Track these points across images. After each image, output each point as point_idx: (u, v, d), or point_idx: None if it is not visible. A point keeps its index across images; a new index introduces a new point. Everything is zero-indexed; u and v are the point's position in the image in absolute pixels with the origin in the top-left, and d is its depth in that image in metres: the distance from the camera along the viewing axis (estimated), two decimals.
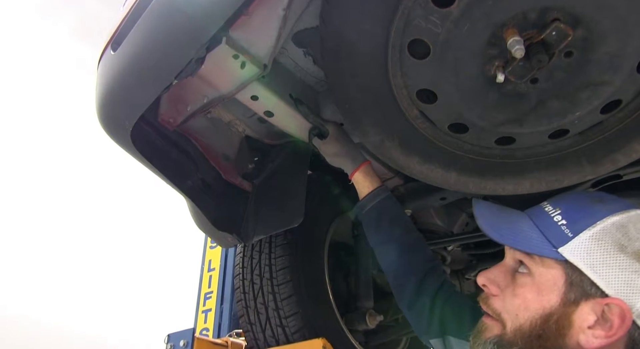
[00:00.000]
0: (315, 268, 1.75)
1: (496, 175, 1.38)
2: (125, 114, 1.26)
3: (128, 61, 1.16)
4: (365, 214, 1.50)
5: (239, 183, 1.76)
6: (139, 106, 1.22)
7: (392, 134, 1.31)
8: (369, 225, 1.51)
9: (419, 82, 1.19)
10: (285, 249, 1.68)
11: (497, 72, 1.09)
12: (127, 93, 1.21)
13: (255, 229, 1.59)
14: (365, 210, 1.50)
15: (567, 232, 0.88)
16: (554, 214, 0.93)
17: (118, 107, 1.26)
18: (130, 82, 1.19)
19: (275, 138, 1.83)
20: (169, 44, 1.10)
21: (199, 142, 1.66)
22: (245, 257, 1.75)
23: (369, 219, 1.50)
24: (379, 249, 1.49)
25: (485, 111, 1.20)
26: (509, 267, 0.97)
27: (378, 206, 1.48)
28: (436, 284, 1.34)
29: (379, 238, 1.48)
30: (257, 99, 1.47)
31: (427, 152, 1.35)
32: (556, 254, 0.87)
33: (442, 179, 1.39)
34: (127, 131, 1.30)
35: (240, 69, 1.32)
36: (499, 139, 1.28)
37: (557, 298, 0.86)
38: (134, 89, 1.19)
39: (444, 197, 1.82)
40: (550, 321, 0.86)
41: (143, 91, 1.19)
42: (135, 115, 1.25)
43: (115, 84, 1.21)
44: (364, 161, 1.54)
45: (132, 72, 1.17)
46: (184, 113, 1.54)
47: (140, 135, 1.49)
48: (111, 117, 1.29)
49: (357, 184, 1.53)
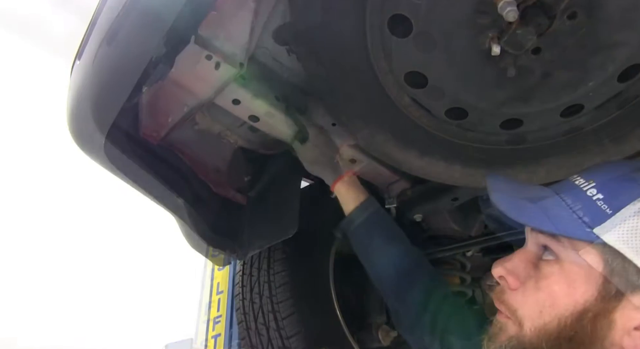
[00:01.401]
0: (319, 283, 1.61)
1: (506, 164, 1.23)
2: (93, 127, 1.17)
3: (88, 69, 1.08)
4: (353, 232, 1.35)
5: (232, 196, 1.65)
6: (106, 118, 1.13)
7: (383, 126, 1.18)
8: (358, 243, 1.36)
9: (405, 64, 1.06)
10: (284, 264, 1.54)
11: (492, 44, 0.96)
12: (91, 104, 1.12)
13: (250, 244, 1.47)
14: (353, 227, 1.35)
15: (605, 209, 0.70)
16: (587, 187, 0.75)
17: (85, 120, 1.17)
18: (93, 91, 1.10)
19: (270, 147, 1.72)
20: (123, 45, 1.00)
21: (186, 155, 1.56)
22: (244, 275, 1.63)
23: (358, 237, 1.35)
24: (373, 269, 1.34)
25: (484, 91, 1.07)
26: (531, 254, 0.79)
27: (367, 222, 1.33)
28: (438, 300, 1.19)
29: (371, 257, 1.33)
30: (239, 103, 1.37)
31: (426, 144, 1.21)
32: (591, 235, 0.69)
33: (446, 173, 1.26)
34: (100, 145, 1.20)
35: (215, 70, 1.23)
36: (505, 122, 1.14)
37: (593, 290, 0.69)
38: (98, 99, 1.10)
39: (455, 198, 1.67)
40: (585, 320, 0.69)
41: (107, 101, 1.09)
42: (103, 127, 1.15)
43: (80, 95, 1.13)
44: (346, 170, 1.40)
45: (93, 80, 1.08)
46: (166, 125, 1.45)
47: (119, 150, 1.40)
48: (80, 131, 1.20)
49: (341, 197, 1.38)
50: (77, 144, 1.24)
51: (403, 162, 1.24)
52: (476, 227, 1.90)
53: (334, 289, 1.64)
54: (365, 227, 1.32)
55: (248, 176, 1.73)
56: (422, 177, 1.30)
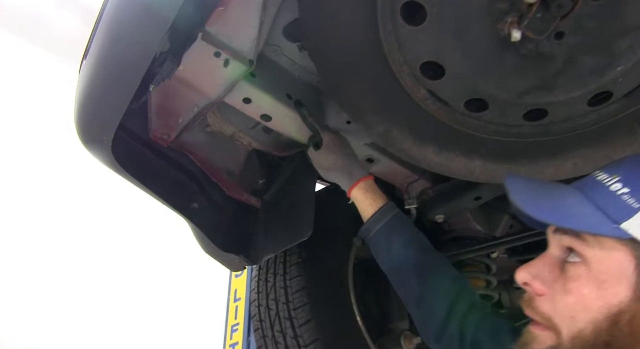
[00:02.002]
0: (337, 288, 1.56)
1: (530, 158, 1.17)
2: (100, 127, 1.15)
3: (93, 67, 1.05)
4: (372, 239, 1.30)
5: (245, 199, 1.61)
6: (112, 117, 1.10)
7: (400, 121, 1.13)
8: (378, 250, 1.31)
9: (420, 54, 1.01)
10: (300, 268, 1.50)
11: (511, 29, 0.90)
12: (97, 103, 1.10)
13: (265, 248, 1.43)
14: (372, 234, 1.29)
15: (632, 203, 0.66)
16: (610, 182, 0.71)
17: (92, 120, 1.14)
18: (98, 90, 1.07)
19: (284, 149, 1.68)
20: (126, 41, 0.98)
21: (197, 158, 1.53)
22: (260, 281, 1.58)
23: (378, 244, 1.30)
24: (394, 276, 1.28)
25: (504, 80, 1.01)
26: (555, 257, 0.74)
27: (386, 228, 1.28)
28: (465, 307, 1.13)
29: (392, 264, 1.28)
30: (250, 102, 1.33)
31: (444, 139, 1.16)
32: (618, 231, 0.65)
33: (466, 169, 1.19)
34: (107, 147, 1.18)
35: (224, 67, 1.20)
36: (528, 113, 1.08)
37: (626, 290, 0.64)
38: (103, 97, 1.08)
39: (478, 197, 1.60)
40: (621, 323, 0.64)
41: (112, 99, 1.07)
42: (110, 127, 1.12)
43: (86, 94, 1.11)
44: (363, 176, 1.34)
45: (98, 78, 1.05)
46: (176, 126, 1.42)
47: (127, 152, 1.38)
48: (87, 131, 1.18)
49: (358, 204, 1.33)
50: (84, 145, 1.22)
51: (421, 158, 1.19)
52: (500, 228, 1.83)
53: (353, 294, 1.58)
54: (384, 233, 1.27)
55: (262, 179, 1.69)
56: (442, 174, 1.24)
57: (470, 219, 1.79)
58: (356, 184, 1.31)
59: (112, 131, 1.14)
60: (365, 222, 1.30)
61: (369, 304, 1.70)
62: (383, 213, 1.27)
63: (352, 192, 1.32)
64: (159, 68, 1.14)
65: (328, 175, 1.37)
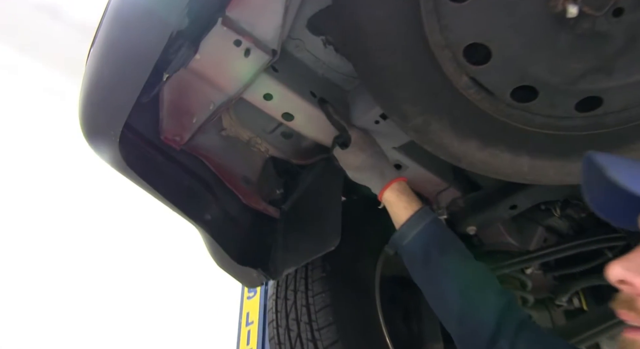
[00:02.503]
0: (365, 306, 1.42)
1: (583, 154, 1.05)
2: (108, 119, 1.04)
3: (103, 50, 0.96)
4: (407, 247, 1.17)
5: (263, 209, 1.50)
6: (122, 104, 1.00)
7: (439, 113, 1.02)
8: (413, 260, 1.17)
9: (464, 35, 0.92)
10: (324, 284, 1.36)
11: (567, 4, 0.82)
12: (106, 89, 1.00)
13: (286, 261, 1.31)
14: (407, 241, 1.16)
15: None
16: None
17: (99, 111, 1.04)
18: (108, 76, 0.98)
19: (304, 157, 1.58)
20: (140, 15, 0.88)
21: (212, 163, 1.42)
22: (278, 299, 1.45)
23: (413, 253, 1.16)
24: (431, 289, 1.14)
25: (558, 62, 0.91)
26: None
27: (423, 234, 1.15)
28: (515, 324, 1.00)
29: (429, 275, 1.14)
30: (271, 99, 1.24)
31: (488, 133, 1.05)
32: None
33: (512, 167, 1.08)
34: (114, 143, 1.07)
35: (245, 57, 1.11)
36: (581, 102, 0.97)
37: None
38: (114, 82, 0.98)
39: (514, 205, 1.48)
40: None
41: (124, 83, 0.97)
42: (119, 118, 1.02)
43: (94, 80, 1.01)
44: (396, 177, 1.22)
45: (107, 62, 0.96)
46: (190, 127, 1.32)
47: (137, 156, 1.28)
48: (93, 123, 1.07)
49: (391, 207, 1.21)
50: (88, 140, 1.11)
51: (462, 155, 1.07)
52: (535, 241, 1.71)
53: (381, 313, 1.44)
54: (421, 240, 1.14)
55: (280, 189, 1.58)
56: (484, 174, 1.12)
57: (503, 231, 1.67)
58: (389, 185, 1.19)
59: (120, 123, 1.04)
60: (399, 228, 1.18)
61: (398, 323, 1.57)
62: (419, 218, 1.15)
63: (384, 195, 1.20)
64: (175, 55, 1.05)
65: (357, 175, 1.26)
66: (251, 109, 1.45)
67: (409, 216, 1.16)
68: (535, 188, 1.42)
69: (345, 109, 1.34)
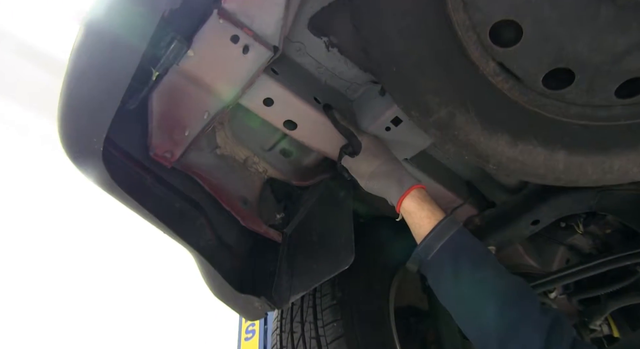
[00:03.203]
0: (381, 336, 1.26)
1: (626, 147, 0.95)
2: (90, 125, 0.91)
3: (85, 37, 0.84)
4: (432, 261, 1.02)
5: (264, 232, 1.35)
6: (106, 106, 0.87)
7: (465, 104, 0.92)
8: (440, 276, 1.02)
9: (492, 13, 0.82)
10: (335, 312, 1.21)
11: None
12: (88, 90, 0.87)
13: (293, 286, 1.15)
14: (433, 254, 1.02)
15: None
16: None
17: (80, 115, 0.91)
18: (90, 68, 0.85)
19: (304, 178, 1.45)
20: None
21: (207, 182, 1.28)
22: (283, 333, 1.28)
23: (440, 267, 1.01)
24: (463, 309, 0.99)
25: (598, 37, 0.82)
26: None
27: (451, 246, 1.01)
28: (567, 344, 0.85)
29: (460, 293, 0.98)
30: (272, 104, 1.12)
31: (519, 126, 0.94)
32: None
33: (547, 164, 0.97)
34: (97, 154, 0.94)
35: (243, 55, 1.00)
36: (622, 87, 0.88)
37: None
38: (96, 79, 0.85)
39: (536, 220, 1.36)
40: None
41: (106, 79, 0.84)
42: (103, 123, 0.90)
43: (74, 77, 0.88)
44: (415, 183, 1.09)
45: (88, 51, 0.83)
46: (182, 142, 1.20)
47: (123, 174, 1.14)
48: (74, 131, 0.93)
49: (411, 218, 1.07)
50: (69, 154, 0.97)
51: (491, 153, 0.96)
52: (556, 262, 1.57)
53: (398, 343, 1.28)
54: (449, 252, 1.00)
55: (280, 213, 1.45)
56: (515, 174, 1.00)
57: (522, 253, 1.54)
58: (408, 193, 1.07)
59: (104, 129, 0.91)
60: (422, 240, 1.03)
61: None
62: (445, 227, 1.02)
63: (403, 204, 1.07)
64: (165, 49, 0.93)
65: (372, 184, 1.13)
66: (247, 125, 1.34)
67: (433, 226, 1.02)
68: (559, 199, 1.31)
69: (352, 117, 1.23)
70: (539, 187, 1.34)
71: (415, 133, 1.20)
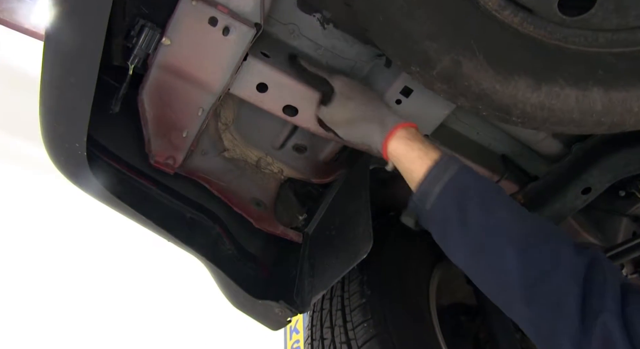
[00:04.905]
0: (421, 336, 1.11)
1: None
2: (68, 129, 0.86)
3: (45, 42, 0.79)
4: (432, 210, 0.84)
5: (281, 233, 1.25)
6: (79, 104, 0.81)
7: (470, 47, 0.79)
8: (444, 225, 0.83)
9: None
10: (365, 311, 1.07)
11: None
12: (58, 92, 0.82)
13: (313, 286, 1.04)
14: (431, 201, 0.84)
15: None
16: None
17: (57, 121, 0.85)
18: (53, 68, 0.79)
19: (324, 174, 1.35)
20: None
21: (215, 186, 1.21)
22: (314, 341, 1.16)
23: (442, 215, 0.83)
24: (476, 262, 0.80)
25: None
26: None
27: (453, 188, 0.82)
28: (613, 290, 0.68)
29: (470, 242, 0.80)
30: (266, 90, 1.04)
31: (540, 65, 0.80)
32: None
33: (581, 107, 0.82)
34: (82, 159, 0.88)
35: (224, 37, 0.92)
36: None
37: None
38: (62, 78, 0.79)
39: (587, 188, 1.19)
40: None
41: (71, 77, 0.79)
42: (80, 123, 0.84)
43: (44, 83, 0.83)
44: (400, 122, 0.92)
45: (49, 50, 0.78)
46: (182, 144, 1.13)
47: (125, 186, 1.08)
48: (55, 140, 0.88)
49: (401, 163, 0.89)
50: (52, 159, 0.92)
51: (511, 102, 0.82)
52: (621, 236, 1.37)
53: (446, 345, 1.13)
54: (451, 196, 0.82)
55: (302, 215, 1.35)
56: (545, 126, 0.86)
57: (578, 229, 1.35)
58: (392, 134, 0.90)
59: (83, 128, 0.86)
60: (418, 186, 0.86)
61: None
62: (442, 167, 0.84)
63: (389, 148, 0.90)
64: (136, 39, 0.87)
65: (351, 132, 0.98)
66: (253, 123, 1.26)
67: (428, 167, 0.85)
68: (610, 159, 1.14)
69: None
70: (585, 149, 1.18)
71: (429, 102, 1.08)
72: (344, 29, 1.09)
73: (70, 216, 3.61)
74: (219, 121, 1.23)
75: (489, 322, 1.25)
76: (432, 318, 1.17)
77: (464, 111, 1.19)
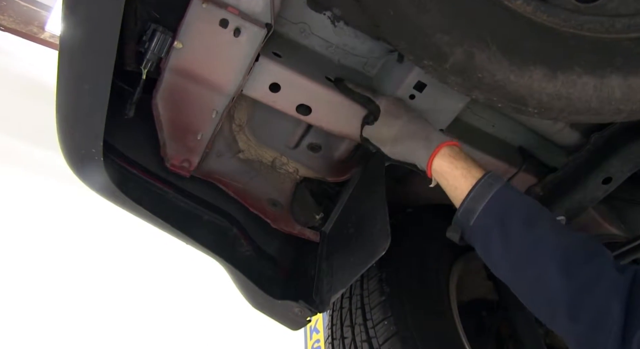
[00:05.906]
0: (442, 331, 1.10)
1: None
2: (84, 135, 0.87)
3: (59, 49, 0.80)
4: (475, 226, 0.87)
5: (298, 233, 1.25)
6: (94, 109, 0.82)
7: (482, 37, 0.78)
8: (487, 241, 0.86)
9: None
10: (385, 309, 1.07)
11: None
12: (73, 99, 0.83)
13: (331, 285, 1.03)
14: (475, 218, 0.87)
15: None
16: None
17: (73, 128, 0.87)
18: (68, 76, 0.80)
19: (339, 172, 1.35)
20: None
21: (231, 188, 1.21)
22: (335, 340, 1.15)
23: (486, 231, 0.86)
24: (519, 276, 0.83)
25: None
26: None
27: (495, 205, 0.86)
28: None
29: (513, 257, 0.82)
30: (279, 89, 1.04)
31: (555, 53, 0.79)
32: None
33: (600, 94, 0.80)
34: (99, 165, 0.89)
35: (235, 38, 0.93)
36: None
37: None
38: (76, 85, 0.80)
39: (608, 178, 1.17)
40: None
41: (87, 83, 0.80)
42: (96, 129, 0.85)
43: (60, 91, 0.84)
44: (445, 140, 0.96)
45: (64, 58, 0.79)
46: (198, 147, 1.14)
47: (142, 190, 1.09)
48: (72, 147, 0.90)
49: (445, 180, 0.93)
50: (72, 169, 0.93)
51: (527, 93, 0.81)
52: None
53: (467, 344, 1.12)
54: (495, 212, 0.85)
55: (318, 213, 1.34)
56: (563, 115, 0.84)
57: (600, 220, 1.33)
58: (437, 151, 0.93)
59: (99, 134, 0.87)
60: (462, 203, 0.89)
61: None
62: (486, 185, 0.87)
63: (433, 165, 0.94)
64: (148, 43, 0.88)
65: (397, 150, 1.01)
66: (266, 123, 1.27)
67: (472, 185, 0.88)
68: (630, 147, 1.12)
69: (369, 86, 1.12)
70: (604, 138, 1.16)
71: (443, 96, 1.08)
72: (355, 26, 1.08)
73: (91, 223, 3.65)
74: (233, 122, 1.24)
75: (511, 318, 1.23)
76: (453, 313, 1.16)
77: (479, 104, 1.18)
